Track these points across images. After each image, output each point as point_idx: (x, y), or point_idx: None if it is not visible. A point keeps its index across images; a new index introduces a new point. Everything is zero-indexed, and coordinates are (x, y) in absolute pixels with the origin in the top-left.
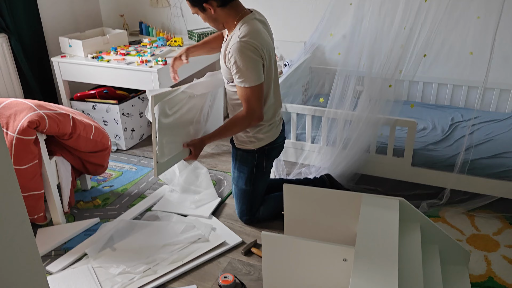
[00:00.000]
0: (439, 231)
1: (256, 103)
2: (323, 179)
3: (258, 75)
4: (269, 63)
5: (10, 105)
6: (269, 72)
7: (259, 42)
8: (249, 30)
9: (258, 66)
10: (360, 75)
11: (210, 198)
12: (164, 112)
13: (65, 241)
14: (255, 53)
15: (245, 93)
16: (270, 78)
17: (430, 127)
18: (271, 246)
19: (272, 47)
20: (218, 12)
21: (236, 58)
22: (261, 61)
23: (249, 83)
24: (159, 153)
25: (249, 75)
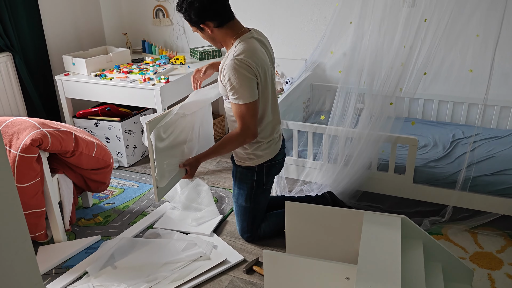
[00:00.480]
0: (441, 249)
1: (250, 120)
2: (325, 197)
3: (252, 92)
4: (265, 81)
5: (14, 123)
6: (265, 90)
7: (253, 60)
8: (244, 49)
9: (252, 84)
10: (360, 92)
11: (211, 216)
12: (160, 137)
13: (66, 259)
14: (249, 71)
15: (239, 110)
16: (267, 95)
17: (431, 144)
18: (273, 264)
19: (268, 65)
20: (215, 32)
21: (230, 75)
22: (255, 79)
23: (243, 100)
24: (159, 177)
25: (243, 92)
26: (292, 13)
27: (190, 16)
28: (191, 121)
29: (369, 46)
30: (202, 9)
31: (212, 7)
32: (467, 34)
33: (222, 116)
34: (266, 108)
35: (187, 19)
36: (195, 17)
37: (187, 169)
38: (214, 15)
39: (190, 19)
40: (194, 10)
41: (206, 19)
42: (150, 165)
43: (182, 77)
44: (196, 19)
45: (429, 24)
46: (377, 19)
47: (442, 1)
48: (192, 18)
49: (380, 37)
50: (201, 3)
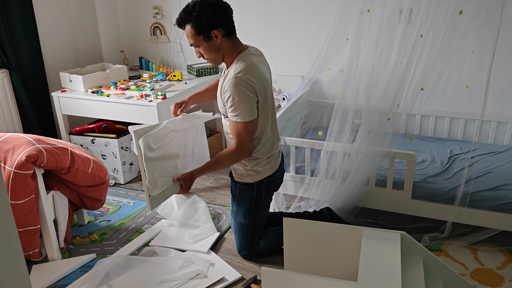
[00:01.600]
0: (442, 265)
1: (246, 138)
2: (323, 213)
3: (251, 111)
4: (265, 98)
5: (9, 140)
6: (266, 107)
7: (254, 78)
8: (245, 66)
9: (252, 102)
10: (358, 108)
11: (208, 233)
12: (149, 146)
13: (60, 277)
14: (250, 89)
15: (236, 128)
16: (267, 112)
17: (429, 159)
18: (271, 282)
19: (268, 82)
20: (222, 42)
21: (231, 92)
22: (255, 98)
23: (242, 118)
24: (151, 186)
25: (243, 110)
26: (289, 30)
27: (200, 22)
28: (183, 137)
29: (365, 62)
30: (215, 15)
31: (224, 14)
32: (462, 50)
33: (219, 133)
34: (266, 125)
35: (196, 27)
36: (206, 22)
37: (181, 184)
38: (224, 23)
39: (199, 26)
40: (206, 16)
41: (218, 26)
42: (141, 173)
43: (179, 94)
44: (207, 25)
45: (425, 40)
46: (373, 35)
47: (437, 18)
48: (202, 24)
49: (376, 53)
50: (214, 9)
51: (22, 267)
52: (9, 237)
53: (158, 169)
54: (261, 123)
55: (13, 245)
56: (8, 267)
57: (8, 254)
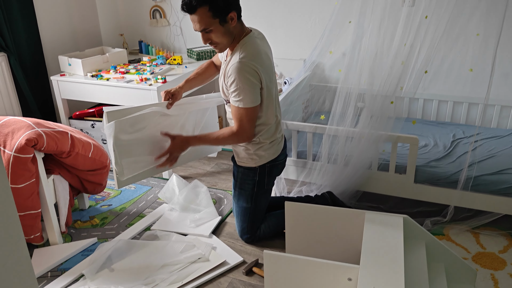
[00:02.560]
0: (444, 249)
1: (247, 124)
2: (325, 197)
3: (254, 97)
4: (270, 83)
5: (8, 123)
6: (270, 91)
7: (260, 64)
8: (250, 51)
9: (255, 89)
10: (361, 92)
11: (210, 217)
12: (124, 129)
13: (62, 261)
14: (254, 76)
15: (238, 113)
16: (271, 96)
17: (432, 143)
18: (273, 265)
19: (272, 65)
20: (236, 25)
21: (235, 77)
22: (259, 85)
23: (244, 104)
24: (118, 170)
25: (245, 96)
26: (290, 12)
27: (218, 4)
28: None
29: (369, 45)
30: None
31: None
32: (467, 33)
33: (220, 118)
34: (270, 109)
35: (214, 9)
36: (224, 4)
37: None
38: (238, 5)
39: (217, 8)
40: None
41: (233, 8)
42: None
43: (179, 78)
44: (225, 7)
45: (429, 23)
46: (377, 18)
47: (442, 1)
48: (220, 6)
49: (380, 36)
50: None
51: (23, 251)
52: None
53: (133, 152)
54: (265, 108)
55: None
56: (9, 251)
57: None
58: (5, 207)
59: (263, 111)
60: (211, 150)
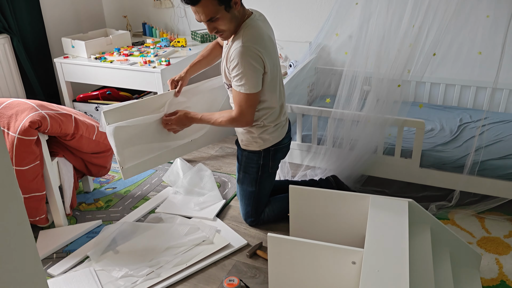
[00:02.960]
0: (449, 234)
1: (247, 109)
2: (329, 181)
3: (256, 83)
4: (273, 67)
5: (12, 105)
6: (273, 74)
7: (263, 47)
8: (253, 35)
9: (257, 75)
10: (367, 75)
11: (214, 200)
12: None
13: (67, 243)
14: (257, 61)
15: (239, 98)
16: (275, 79)
17: (438, 128)
18: (277, 248)
19: (275, 49)
20: (240, 10)
21: (238, 61)
22: (261, 70)
23: (246, 89)
24: (120, 159)
25: (247, 81)
26: None
27: None
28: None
29: (376, 27)
30: None
31: None
32: (477, 15)
33: None
34: (274, 93)
35: None
36: None
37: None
38: None
39: None
40: None
41: None
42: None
43: (183, 60)
44: None
45: (438, 4)
46: None
47: None
48: None
49: (387, 18)
50: None
51: (27, 232)
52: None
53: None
54: (269, 91)
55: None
56: (13, 232)
57: (13, 218)
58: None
59: (266, 95)
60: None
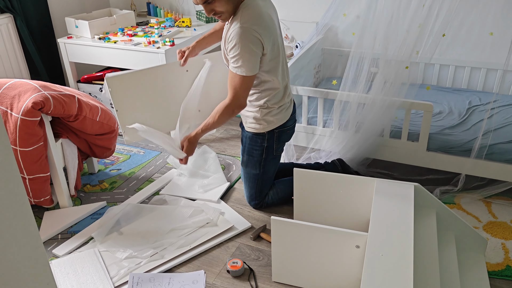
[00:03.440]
0: (455, 218)
1: (242, 93)
2: (335, 164)
3: (253, 66)
4: (272, 49)
5: (14, 86)
6: (275, 55)
7: (262, 27)
8: (251, 15)
9: (255, 58)
10: (374, 56)
11: (218, 183)
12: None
13: (71, 224)
14: (255, 43)
15: (234, 80)
16: (276, 60)
17: (447, 111)
18: (280, 231)
19: (276, 29)
20: None
21: (235, 43)
22: (259, 53)
23: (241, 72)
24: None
25: (244, 63)
26: None
27: None
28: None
29: (384, 7)
30: None
31: None
32: None
33: None
34: (276, 74)
35: None
36: None
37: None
38: None
39: None
40: None
41: None
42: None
43: (187, 40)
44: None
45: None
46: None
47: None
48: None
49: None
50: None
51: (28, 213)
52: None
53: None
54: (270, 72)
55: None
56: (14, 213)
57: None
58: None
59: (268, 75)
60: None
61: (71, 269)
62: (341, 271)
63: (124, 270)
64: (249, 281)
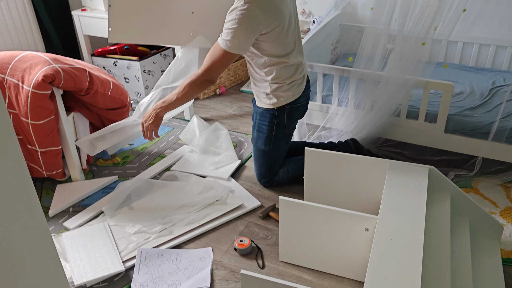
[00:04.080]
0: (470, 203)
1: (217, 67)
2: (348, 144)
3: (241, 45)
4: (284, 26)
5: (26, 58)
6: (281, 31)
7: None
8: None
9: (247, 39)
10: (391, 33)
11: (229, 160)
12: None
13: (83, 198)
14: (254, 23)
15: (215, 52)
16: (286, 34)
17: (468, 91)
18: (288, 211)
19: (287, 5)
20: None
21: (234, 17)
22: (255, 34)
23: (226, 46)
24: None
25: (233, 40)
26: None
27: None
28: None
29: None
30: None
31: None
32: None
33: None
34: (286, 48)
35: None
36: None
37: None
38: None
39: None
40: None
41: None
42: None
43: None
44: None
45: None
46: None
47: None
48: None
49: None
50: None
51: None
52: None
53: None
54: (279, 47)
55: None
56: (15, 188)
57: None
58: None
59: (275, 50)
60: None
61: (81, 242)
62: (349, 253)
63: (133, 245)
64: (256, 260)
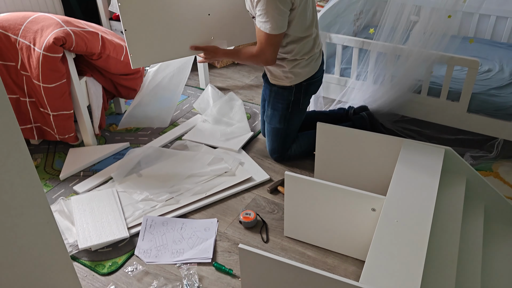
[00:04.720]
0: (487, 186)
1: (268, 49)
2: (363, 118)
3: (280, 24)
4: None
5: (37, 20)
6: (305, 8)
7: None
8: None
9: (282, 17)
10: (416, 3)
11: (242, 132)
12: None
13: (94, 163)
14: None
15: (260, 36)
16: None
17: (497, 69)
18: (294, 187)
19: None
20: None
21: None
22: (287, 12)
23: (266, 29)
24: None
25: (270, 21)
26: None
27: None
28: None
29: None
30: None
31: None
32: None
33: None
34: (304, 22)
35: None
36: None
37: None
38: None
39: None
40: None
41: None
42: None
43: None
44: None
45: None
46: None
47: None
48: None
49: None
50: None
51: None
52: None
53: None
54: (302, 24)
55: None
56: (7, 150)
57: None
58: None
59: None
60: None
61: (88, 206)
62: (354, 233)
63: (139, 212)
64: (261, 234)
